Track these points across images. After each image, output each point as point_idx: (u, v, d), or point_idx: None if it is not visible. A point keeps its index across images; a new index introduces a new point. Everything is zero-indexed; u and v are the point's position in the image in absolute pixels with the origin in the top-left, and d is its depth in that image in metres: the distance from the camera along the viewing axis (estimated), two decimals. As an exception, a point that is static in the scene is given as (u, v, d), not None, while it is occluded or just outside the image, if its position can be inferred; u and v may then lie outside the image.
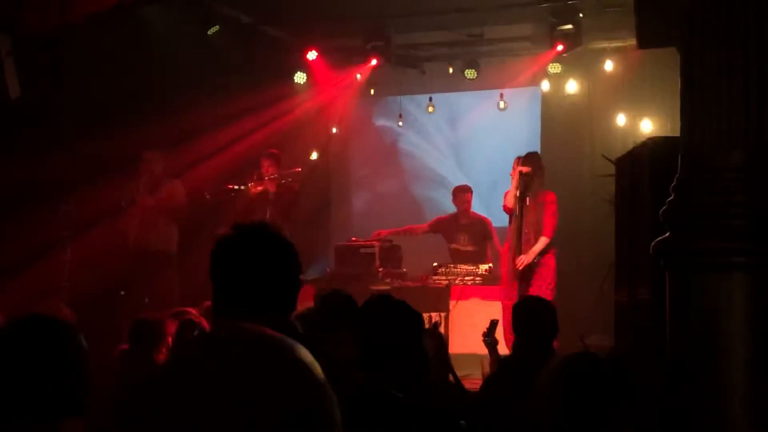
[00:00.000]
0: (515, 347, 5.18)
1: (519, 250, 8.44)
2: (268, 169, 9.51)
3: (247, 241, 2.58)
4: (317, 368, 1.54)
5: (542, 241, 8.59)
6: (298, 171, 9.72)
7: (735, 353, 3.61)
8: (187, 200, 9.55)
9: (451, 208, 10.78)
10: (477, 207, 10.85)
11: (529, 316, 5.03)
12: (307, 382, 1.55)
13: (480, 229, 10.39)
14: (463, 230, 10.34)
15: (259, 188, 9.34)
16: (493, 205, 10.59)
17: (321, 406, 1.51)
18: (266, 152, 9.77)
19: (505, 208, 8.86)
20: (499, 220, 9.72)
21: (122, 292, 8.99)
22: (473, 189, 10.72)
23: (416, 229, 10.82)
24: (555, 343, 5.12)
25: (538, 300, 5.70)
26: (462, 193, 10.54)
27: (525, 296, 7.26)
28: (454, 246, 10.35)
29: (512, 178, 8.70)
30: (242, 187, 9.51)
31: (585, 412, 2.45)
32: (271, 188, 9.40)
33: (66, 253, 9.19)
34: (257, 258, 2.54)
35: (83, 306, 7.75)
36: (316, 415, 1.52)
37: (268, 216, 9.09)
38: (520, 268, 8.50)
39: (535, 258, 8.56)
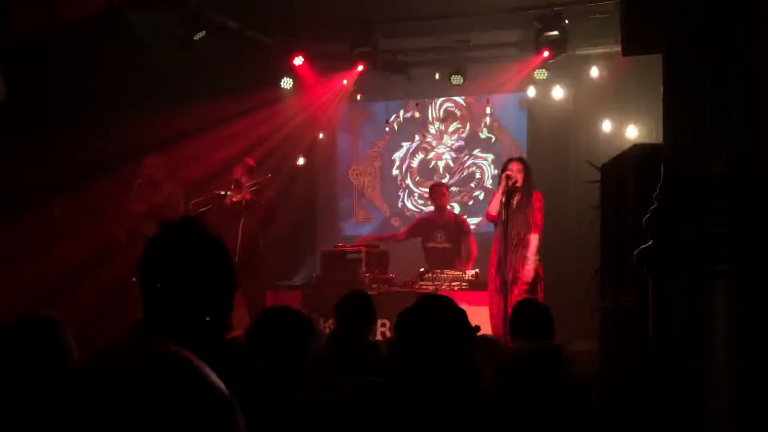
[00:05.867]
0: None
1: (505, 258, 8.24)
2: (241, 177, 9.45)
3: (169, 241, 2.29)
4: (220, 392, 1.52)
5: (535, 240, 8.45)
6: (269, 177, 9.67)
7: (717, 360, 3.63)
8: (183, 207, 9.49)
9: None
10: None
11: (529, 320, 5.07)
12: (208, 407, 1.54)
13: (456, 226, 10.45)
14: (440, 228, 10.37)
15: (237, 198, 9.28)
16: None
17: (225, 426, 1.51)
18: (239, 160, 9.69)
19: (488, 216, 8.70)
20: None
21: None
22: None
23: (396, 236, 10.84)
24: None
25: (539, 304, 5.72)
26: (439, 190, 10.58)
27: (526, 298, 7.17)
28: (430, 245, 10.36)
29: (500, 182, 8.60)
30: (225, 194, 9.45)
31: (524, 399, 2.50)
32: (246, 196, 9.35)
33: (52, 258, 9.15)
34: (177, 259, 2.26)
35: (70, 315, 7.69)
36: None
37: (242, 224, 9.04)
38: (530, 279, 8.37)
39: (537, 257, 8.45)
